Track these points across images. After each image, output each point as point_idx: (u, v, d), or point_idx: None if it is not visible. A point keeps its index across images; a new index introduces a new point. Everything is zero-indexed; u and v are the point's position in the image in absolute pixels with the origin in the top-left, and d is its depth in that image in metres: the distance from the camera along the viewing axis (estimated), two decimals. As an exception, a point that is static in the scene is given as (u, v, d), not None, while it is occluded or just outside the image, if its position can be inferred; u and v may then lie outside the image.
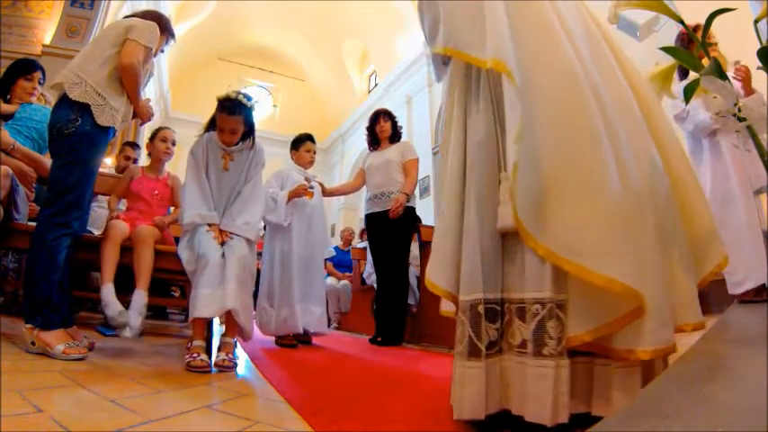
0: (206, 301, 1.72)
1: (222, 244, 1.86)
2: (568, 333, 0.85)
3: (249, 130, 2.00)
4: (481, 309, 0.92)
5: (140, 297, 1.83)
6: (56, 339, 1.55)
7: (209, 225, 1.92)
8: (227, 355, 1.72)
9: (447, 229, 1.02)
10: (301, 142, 2.99)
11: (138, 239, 1.96)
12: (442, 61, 1.20)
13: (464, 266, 0.96)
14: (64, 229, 1.64)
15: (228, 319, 1.80)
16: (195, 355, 1.62)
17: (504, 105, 0.94)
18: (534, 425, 0.83)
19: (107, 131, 1.75)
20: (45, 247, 1.61)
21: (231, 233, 1.91)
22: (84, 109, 1.68)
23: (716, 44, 2.47)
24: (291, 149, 3.02)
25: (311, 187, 2.80)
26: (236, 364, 1.72)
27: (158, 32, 1.86)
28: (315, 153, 3.04)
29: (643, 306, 0.81)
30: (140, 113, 1.91)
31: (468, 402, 0.88)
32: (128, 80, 1.76)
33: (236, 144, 1.99)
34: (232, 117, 1.91)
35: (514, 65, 0.90)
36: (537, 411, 0.82)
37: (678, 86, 0.93)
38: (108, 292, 1.80)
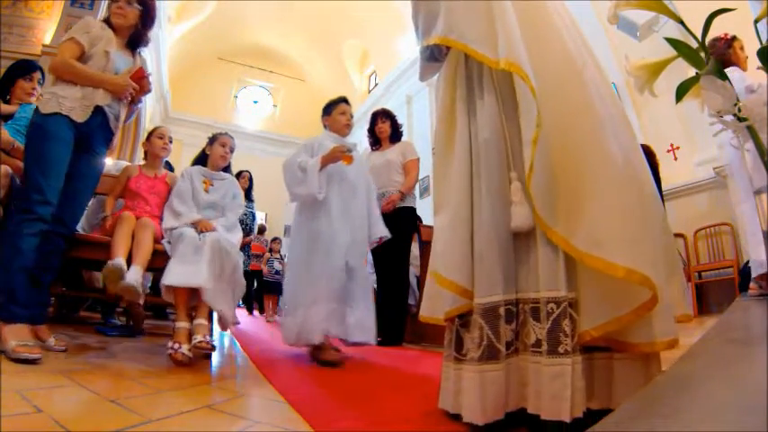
0: (176, 270, 1.80)
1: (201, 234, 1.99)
2: (579, 329, 0.87)
3: (228, 164, 2.52)
4: (502, 311, 0.92)
5: (136, 268, 1.85)
6: (12, 334, 1.45)
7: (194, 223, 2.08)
8: (204, 337, 1.72)
9: (455, 222, 0.99)
10: (334, 105, 2.47)
11: (139, 225, 2.05)
12: (428, 57, 1.16)
13: (479, 266, 0.94)
14: (24, 214, 1.60)
15: (199, 299, 1.84)
16: (177, 346, 1.65)
17: (519, 105, 0.94)
18: (539, 420, 0.84)
19: (57, 118, 1.71)
20: (5, 233, 1.59)
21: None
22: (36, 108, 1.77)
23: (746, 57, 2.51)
24: (323, 117, 2.50)
25: (349, 150, 2.21)
26: (214, 347, 1.75)
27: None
28: (351, 117, 2.49)
29: (656, 297, 0.81)
30: (114, 90, 1.83)
31: (491, 405, 0.88)
32: (64, 74, 1.78)
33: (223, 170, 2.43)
34: (231, 138, 2.48)
35: (528, 66, 0.90)
36: (555, 409, 0.83)
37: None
38: (119, 258, 1.86)
